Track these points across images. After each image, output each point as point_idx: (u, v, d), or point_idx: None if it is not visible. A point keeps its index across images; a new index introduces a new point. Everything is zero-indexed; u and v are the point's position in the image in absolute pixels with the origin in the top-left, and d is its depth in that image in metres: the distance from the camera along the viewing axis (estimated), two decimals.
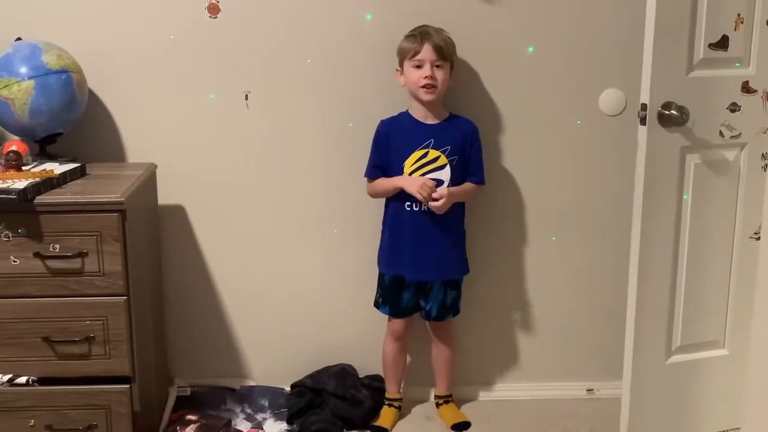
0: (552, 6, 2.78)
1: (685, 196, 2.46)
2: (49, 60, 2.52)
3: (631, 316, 2.46)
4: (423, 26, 2.66)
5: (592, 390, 3.07)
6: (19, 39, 2.61)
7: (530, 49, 2.81)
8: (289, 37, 2.77)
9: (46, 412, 2.42)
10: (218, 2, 2.73)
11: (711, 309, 2.58)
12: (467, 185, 2.74)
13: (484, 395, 3.05)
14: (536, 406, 2.99)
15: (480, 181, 2.76)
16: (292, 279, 2.96)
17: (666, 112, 2.34)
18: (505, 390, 3.06)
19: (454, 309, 2.84)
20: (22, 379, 2.42)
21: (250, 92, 2.81)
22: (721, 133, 2.45)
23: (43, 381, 2.43)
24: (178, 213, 2.88)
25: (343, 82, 2.81)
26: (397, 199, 2.71)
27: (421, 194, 2.62)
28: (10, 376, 2.43)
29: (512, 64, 2.82)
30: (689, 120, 2.34)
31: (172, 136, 2.82)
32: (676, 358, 2.56)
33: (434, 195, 2.63)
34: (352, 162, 2.81)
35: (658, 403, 2.54)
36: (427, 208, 2.67)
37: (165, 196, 2.83)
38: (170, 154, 2.81)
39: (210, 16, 2.74)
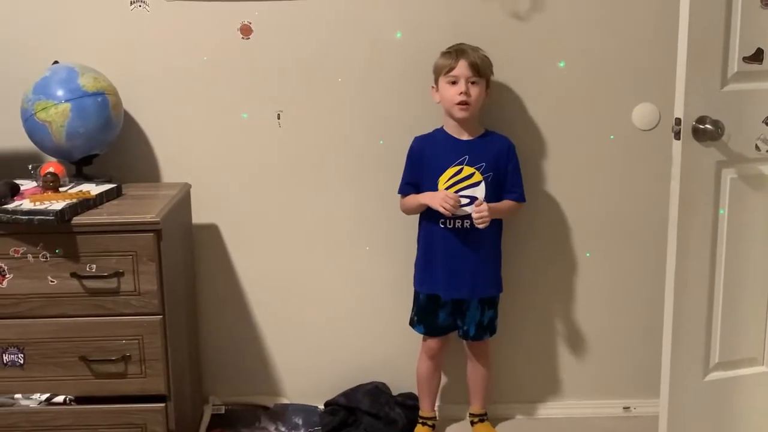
0: (583, 20, 2.77)
1: (721, 211, 2.42)
2: (86, 83, 2.56)
3: (667, 332, 2.43)
4: (459, 44, 2.65)
5: (628, 408, 3.03)
6: (56, 62, 2.65)
7: (561, 64, 2.80)
8: (320, 56, 2.79)
9: (83, 431, 2.43)
10: (250, 23, 2.76)
11: (749, 325, 2.53)
12: (507, 202, 2.71)
13: (519, 414, 3.03)
14: (572, 424, 2.96)
15: (520, 198, 2.73)
16: (325, 297, 2.96)
17: (701, 126, 2.31)
18: (541, 408, 3.03)
19: (491, 328, 2.81)
20: (60, 398, 2.44)
21: (282, 111, 2.83)
22: (757, 147, 2.41)
23: (80, 400, 2.45)
24: (212, 232, 2.91)
25: (374, 100, 2.82)
26: (430, 216, 2.69)
27: (443, 207, 2.60)
28: (47, 395, 2.45)
29: (544, 80, 2.81)
30: (724, 134, 2.31)
31: (206, 156, 2.85)
32: (714, 376, 2.51)
33: (476, 209, 2.60)
34: (383, 180, 2.81)
35: (696, 420, 2.50)
36: (462, 225, 2.65)
37: (199, 215, 2.85)
38: (204, 174, 2.83)
39: (242, 37, 2.77)
